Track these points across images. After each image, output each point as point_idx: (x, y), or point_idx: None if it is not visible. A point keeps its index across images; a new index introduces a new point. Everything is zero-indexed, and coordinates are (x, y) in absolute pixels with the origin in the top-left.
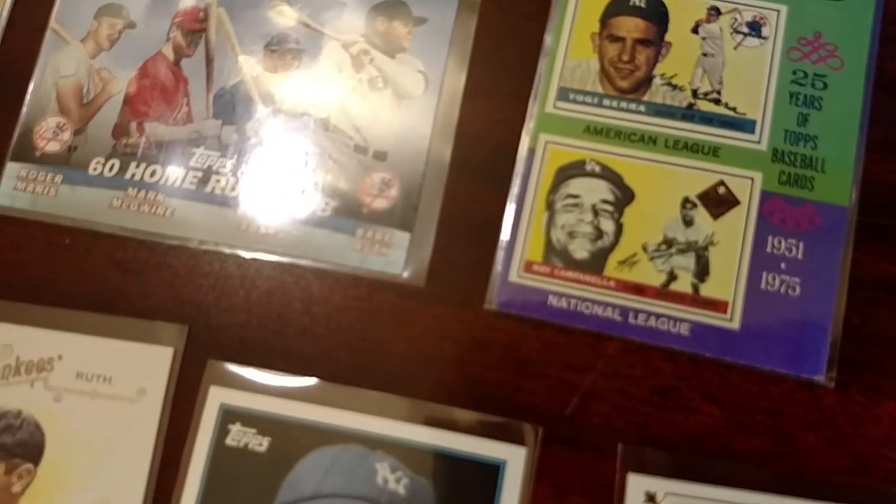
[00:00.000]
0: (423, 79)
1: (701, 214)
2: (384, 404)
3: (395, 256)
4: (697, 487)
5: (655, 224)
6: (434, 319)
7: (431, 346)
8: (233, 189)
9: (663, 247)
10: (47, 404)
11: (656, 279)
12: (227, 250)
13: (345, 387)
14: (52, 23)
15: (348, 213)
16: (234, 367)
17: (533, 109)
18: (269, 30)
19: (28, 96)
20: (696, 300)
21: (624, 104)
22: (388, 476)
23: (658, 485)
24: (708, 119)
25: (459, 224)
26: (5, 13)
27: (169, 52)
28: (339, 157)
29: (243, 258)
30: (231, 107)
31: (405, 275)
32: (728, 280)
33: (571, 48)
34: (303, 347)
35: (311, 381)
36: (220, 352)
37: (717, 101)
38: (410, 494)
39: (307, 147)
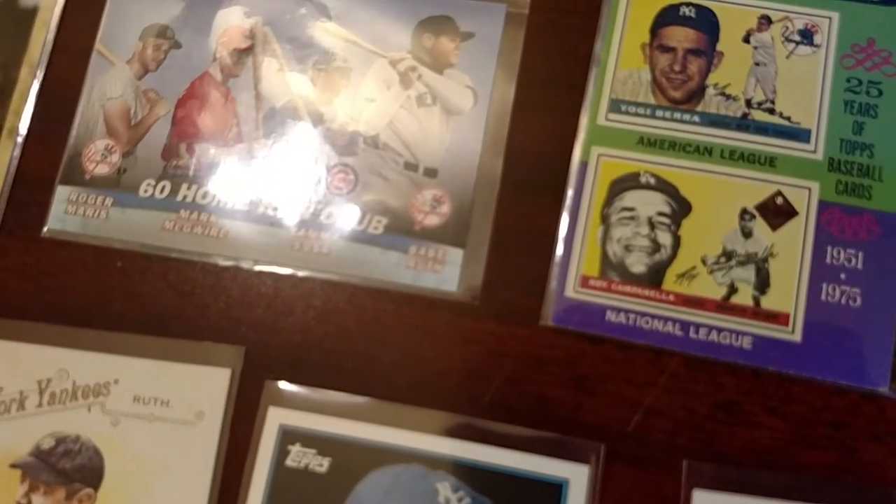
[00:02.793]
0: (472, 94)
1: (759, 226)
2: (443, 423)
3: (449, 273)
4: (763, 502)
5: (714, 236)
6: (489, 336)
7: (488, 363)
8: (285, 210)
9: (723, 259)
10: (105, 428)
11: (716, 292)
12: (281, 270)
13: (403, 406)
14: (98, 45)
15: (400, 230)
16: (291, 388)
17: (584, 122)
18: (315, 48)
19: (76, 119)
20: (757, 313)
21: (677, 115)
22: (450, 496)
23: (723, 500)
24: (763, 129)
25: (512, 239)
26: (51, 37)
27: (216, 73)
28: (390, 175)
29: (297, 278)
30: (281, 126)
31: (459, 292)
32: (789, 292)
33: (622, 59)
34: (358, 366)
35: (369, 400)
36: (276, 372)
37: (771, 111)
38: None
39: (357, 165)
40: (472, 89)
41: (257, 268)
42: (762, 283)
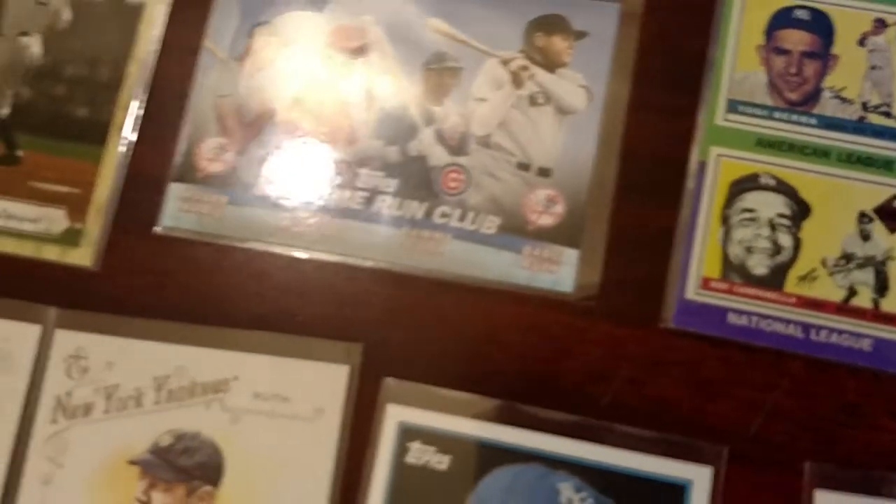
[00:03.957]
0: (586, 93)
1: (878, 228)
2: (563, 423)
3: (564, 274)
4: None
5: (833, 238)
6: (607, 338)
7: (606, 365)
8: (399, 208)
9: (842, 262)
10: (224, 425)
11: (836, 295)
12: (397, 269)
13: (522, 405)
14: (207, 42)
15: (513, 230)
16: (409, 385)
17: (701, 122)
18: (426, 48)
19: (186, 117)
20: (877, 315)
21: (795, 116)
22: (573, 496)
23: (846, 501)
24: (880, 132)
25: (628, 240)
26: (158, 34)
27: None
28: (502, 175)
29: (411, 277)
30: (393, 127)
31: (574, 293)
32: None
33: (738, 61)
34: (473, 366)
35: (487, 399)
36: (393, 370)
37: (887, 115)
38: None
39: (469, 165)
40: (585, 89)
41: (372, 266)
42: (881, 286)
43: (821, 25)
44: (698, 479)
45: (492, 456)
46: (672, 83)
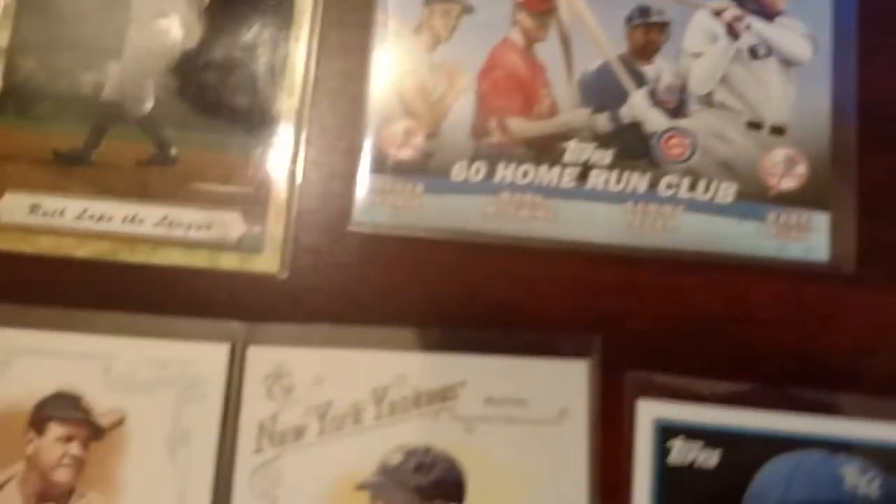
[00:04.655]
0: (810, 43)
1: None
2: (834, 403)
3: (816, 241)
4: None
5: None
6: (871, 307)
7: (872, 338)
8: (617, 182)
9: None
10: (458, 436)
11: None
12: (624, 250)
13: (789, 388)
14: (379, 15)
15: (753, 196)
16: (657, 377)
17: None
18: (626, 2)
19: (366, 101)
20: None
21: None
22: (859, 480)
23: None
24: None
25: (881, 199)
26: (322, 8)
27: (517, 38)
28: (732, 136)
29: (643, 257)
30: (599, 92)
31: (830, 260)
32: None
33: None
34: (726, 349)
35: (747, 385)
36: (635, 361)
37: None
38: (886, 497)
39: (692, 128)
40: (809, 37)
41: (594, 250)
42: None
43: None
44: None
45: (765, 446)
46: None
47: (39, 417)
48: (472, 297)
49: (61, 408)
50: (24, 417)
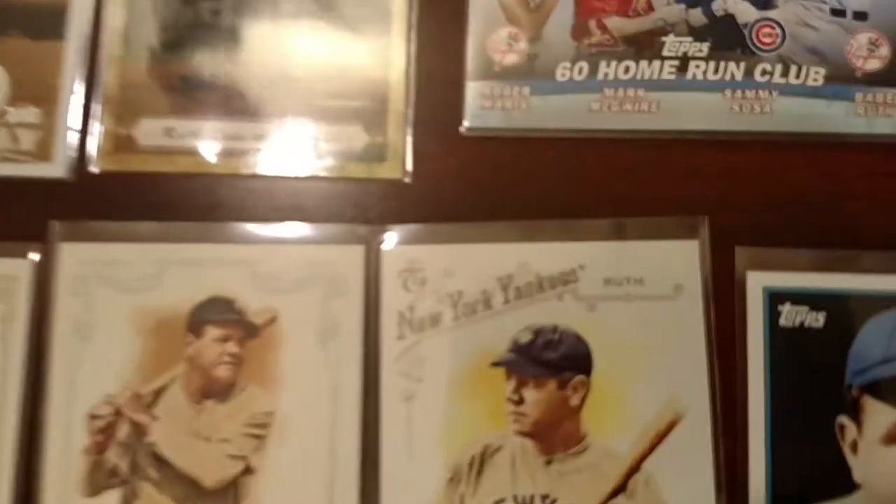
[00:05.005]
0: None
1: None
2: None
3: None
4: None
5: None
6: None
7: None
8: (715, 72)
9: None
10: (581, 314)
11: None
12: (726, 135)
13: (886, 251)
14: None
15: (841, 79)
16: (764, 251)
17: None
18: None
19: (468, 9)
20: None
21: None
22: None
23: None
24: None
25: None
26: None
27: None
28: (818, 24)
29: (744, 141)
30: None
31: None
32: None
33: None
34: (825, 222)
35: (845, 251)
36: (742, 238)
37: None
38: None
39: (780, 18)
40: None
41: (700, 136)
42: None
43: None
44: None
45: (868, 305)
46: None
47: (197, 321)
48: (584, 190)
49: (216, 311)
50: (181, 323)
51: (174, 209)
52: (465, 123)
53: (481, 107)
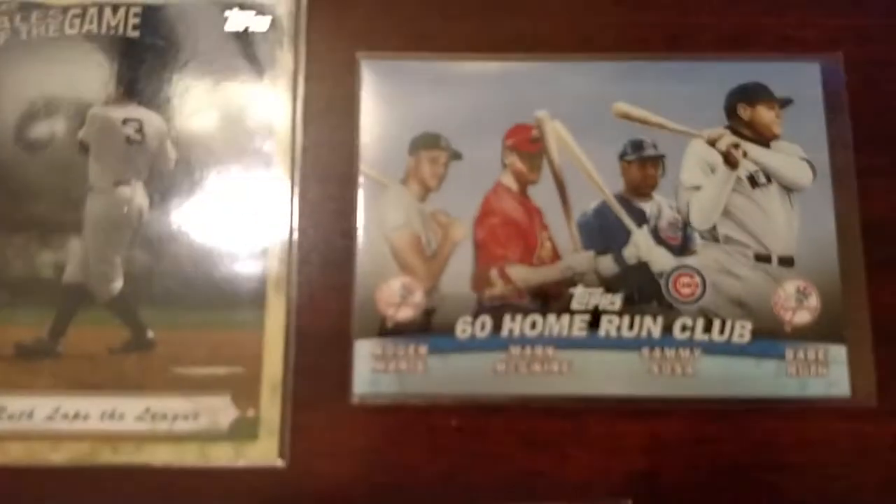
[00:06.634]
0: (808, 166)
1: None
2: None
3: (836, 375)
4: None
5: None
6: None
7: None
8: (630, 328)
9: None
10: None
11: None
12: (643, 402)
13: None
14: (362, 167)
15: (770, 334)
16: None
17: None
18: (617, 137)
19: (357, 258)
20: None
21: None
22: None
23: None
24: None
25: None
26: (298, 157)
27: (510, 182)
28: (740, 271)
29: (662, 409)
30: (600, 233)
31: (853, 395)
32: None
33: None
34: (757, 500)
35: None
36: None
37: None
38: None
39: (699, 265)
40: (806, 161)
41: (616, 403)
42: None
43: None
44: None
45: None
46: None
47: None
48: (493, 468)
49: None
50: None
51: None
52: (354, 390)
53: (372, 369)
